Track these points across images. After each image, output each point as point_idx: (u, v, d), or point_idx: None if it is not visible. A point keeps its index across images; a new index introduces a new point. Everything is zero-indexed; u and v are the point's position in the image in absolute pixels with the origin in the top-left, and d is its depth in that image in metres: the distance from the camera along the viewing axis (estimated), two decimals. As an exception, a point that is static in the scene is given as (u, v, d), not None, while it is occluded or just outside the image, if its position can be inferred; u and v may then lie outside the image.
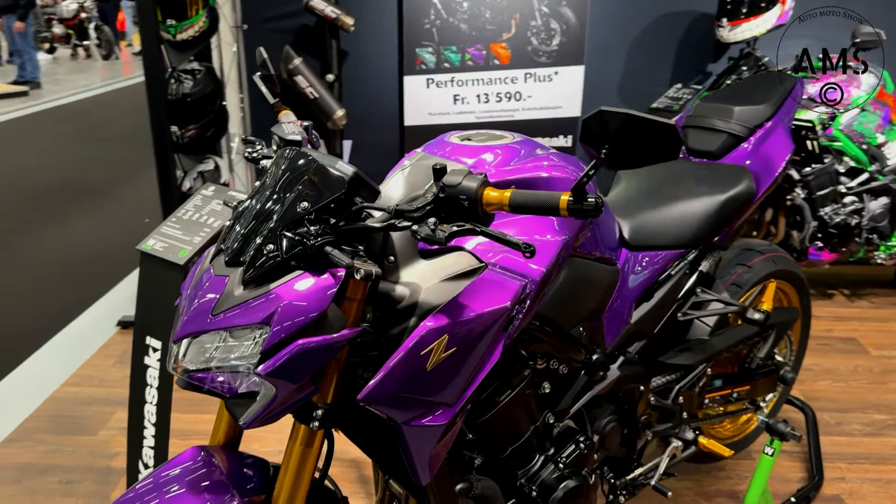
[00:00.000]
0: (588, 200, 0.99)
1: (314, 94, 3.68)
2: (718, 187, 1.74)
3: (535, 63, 3.67)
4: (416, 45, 3.67)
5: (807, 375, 2.83)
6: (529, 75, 3.69)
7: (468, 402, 1.17)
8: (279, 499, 1.16)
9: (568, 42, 3.62)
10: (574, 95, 3.70)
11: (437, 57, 3.69)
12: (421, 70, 3.71)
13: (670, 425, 1.74)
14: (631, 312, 1.60)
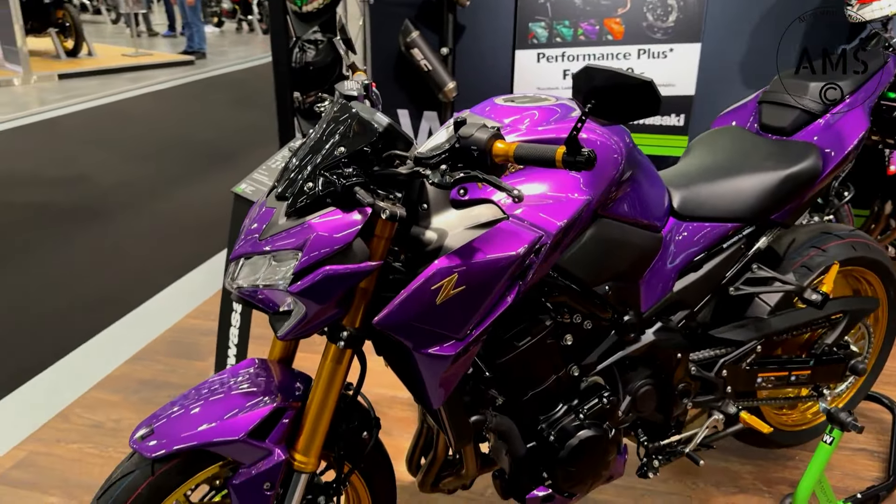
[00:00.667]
0: (581, 154, 1.07)
1: (428, 67, 3.84)
2: (781, 163, 1.72)
3: (649, 39, 3.62)
4: (529, 20, 3.73)
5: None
6: (643, 52, 3.64)
7: (478, 339, 1.28)
8: (311, 406, 1.34)
9: (685, 18, 3.54)
10: (688, 74, 3.62)
11: (549, 31, 3.73)
12: (533, 44, 3.77)
13: (712, 397, 1.75)
14: (674, 281, 1.63)
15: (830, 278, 1.78)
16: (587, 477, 1.54)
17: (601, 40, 3.67)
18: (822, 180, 1.73)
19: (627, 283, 1.53)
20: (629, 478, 2.20)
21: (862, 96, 1.78)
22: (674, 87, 3.64)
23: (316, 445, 1.35)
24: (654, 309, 1.62)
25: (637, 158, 1.50)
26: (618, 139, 1.41)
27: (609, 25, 3.63)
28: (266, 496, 1.34)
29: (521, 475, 1.53)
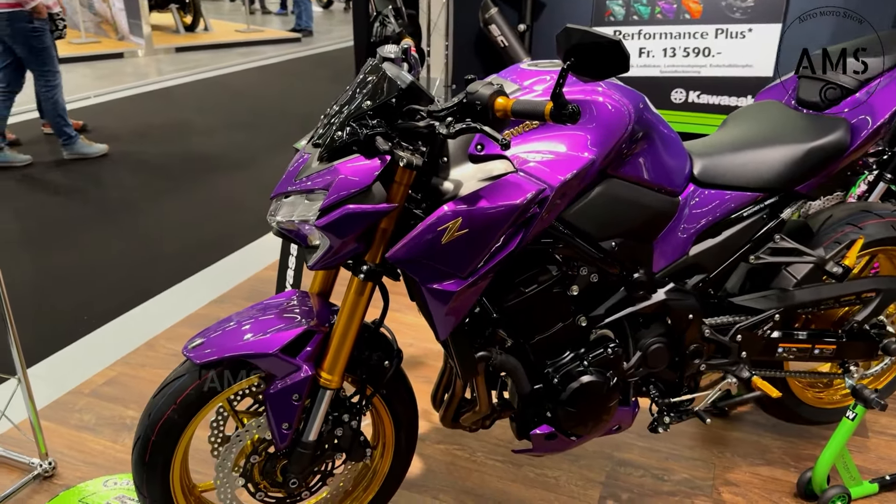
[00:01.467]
0: (566, 109, 1.18)
1: (504, 43, 3.95)
2: (807, 136, 1.74)
3: (728, 19, 3.58)
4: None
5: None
6: (721, 31, 3.61)
7: (480, 279, 1.42)
8: (336, 331, 1.52)
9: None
10: (768, 55, 3.56)
11: (626, 9, 3.75)
12: (609, 22, 3.80)
13: (726, 361, 1.81)
14: (690, 245, 1.70)
15: (853, 252, 1.79)
16: (587, 420, 1.65)
17: (678, 19, 3.66)
18: (849, 154, 1.74)
19: (638, 242, 1.62)
20: (654, 440, 2.28)
21: None
22: (751, 69, 3.60)
23: (339, 366, 1.53)
24: (667, 270, 1.70)
25: (653, 124, 1.58)
26: (628, 102, 1.49)
27: (687, 4, 3.62)
28: (294, 406, 1.53)
29: (527, 413, 1.67)
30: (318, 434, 1.58)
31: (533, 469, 2.16)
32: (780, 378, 2.05)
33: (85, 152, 5.36)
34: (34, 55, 4.88)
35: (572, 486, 2.10)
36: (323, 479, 1.71)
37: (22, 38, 4.77)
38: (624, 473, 2.15)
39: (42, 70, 4.97)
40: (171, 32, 11.27)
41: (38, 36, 4.81)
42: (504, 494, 2.06)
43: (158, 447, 1.54)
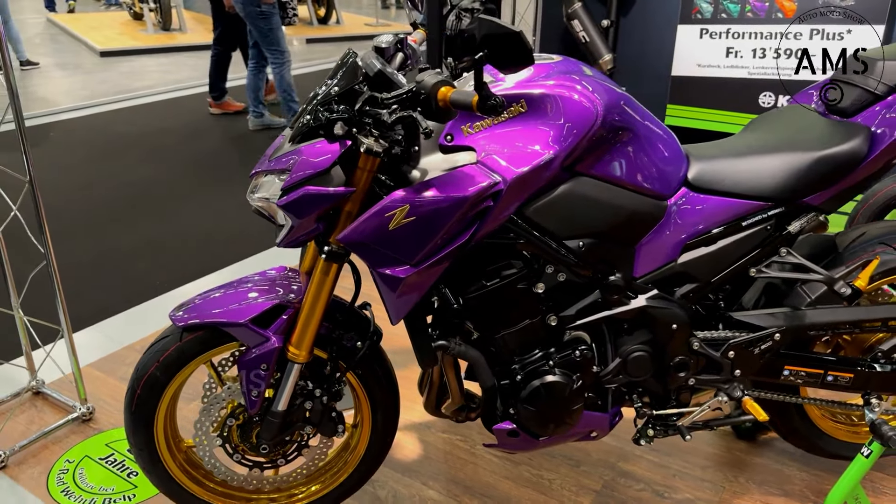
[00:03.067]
0: (489, 101, 1.18)
1: (585, 39, 3.87)
2: (819, 143, 1.60)
3: (825, 19, 3.31)
4: (695, -6, 3.59)
5: None
6: (816, 32, 3.35)
7: (431, 267, 1.43)
8: (303, 308, 1.59)
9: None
10: (868, 58, 3.26)
11: (714, 6, 3.56)
12: (696, 19, 3.63)
13: (717, 377, 1.71)
14: (677, 252, 1.62)
15: (867, 273, 1.63)
16: (547, 420, 1.62)
17: (770, 18, 3.43)
18: (866, 165, 1.58)
19: (615, 244, 1.57)
20: (666, 455, 2.19)
21: None
22: (849, 73, 3.31)
23: (306, 341, 1.60)
24: (651, 276, 1.63)
25: (637, 124, 1.52)
26: (598, 100, 1.45)
27: (781, 2, 3.39)
28: (262, 375, 1.62)
29: (490, 406, 1.66)
30: (287, 405, 1.65)
31: (530, 469, 2.14)
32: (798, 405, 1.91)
33: (268, 123, 6.16)
34: (262, 36, 5.58)
35: (565, 490, 2.06)
36: (298, 450, 1.79)
37: (251, 19, 5.49)
38: (623, 485, 2.08)
39: (269, 49, 5.65)
40: (306, 24, 11.85)
41: (265, 19, 5.47)
42: (492, 490, 2.06)
43: (142, 400, 1.67)
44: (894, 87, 1.60)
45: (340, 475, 1.88)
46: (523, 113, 1.44)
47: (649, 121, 1.57)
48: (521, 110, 1.44)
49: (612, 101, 1.47)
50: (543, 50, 4.37)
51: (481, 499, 2.03)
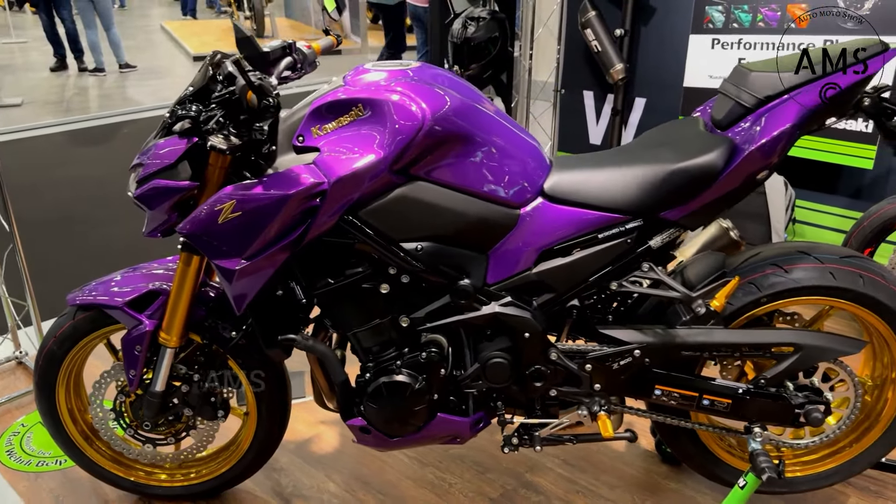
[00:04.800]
0: (263, 101, 1.25)
1: (598, 48, 3.82)
2: (678, 156, 1.54)
3: (839, 29, 3.12)
4: (706, 3, 3.47)
5: None
6: (830, 43, 3.15)
7: (263, 262, 1.51)
8: (171, 293, 1.69)
9: (885, 5, 2.97)
10: (885, 71, 3.04)
11: (726, 16, 3.43)
12: (708, 29, 3.50)
13: (577, 390, 1.68)
14: (531, 261, 1.61)
15: (724, 293, 1.54)
16: (390, 419, 1.64)
17: (783, 27, 3.27)
18: (723, 180, 1.50)
19: (460, 249, 1.57)
20: (578, 471, 2.15)
21: (811, 89, 1.48)
22: (864, 86, 3.10)
23: (175, 327, 1.71)
24: (504, 283, 1.62)
25: (482, 132, 1.53)
26: (426, 107, 1.46)
27: (793, 11, 3.22)
28: (136, 356, 1.74)
29: (343, 401, 1.70)
30: (164, 386, 1.77)
31: (436, 472, 2.16)
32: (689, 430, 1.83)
33: None
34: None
35: (461, 495, 2.07)
36: (186, 430, 1.90)
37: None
38: (521, 495, 2.07)
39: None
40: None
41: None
42: (391, 488, 2.09)
43: (42, 371, 1.84)
44: (763, 100, 1.52)
45: (231, 460, 1.98)
46: (362, 117, 1.49)
47: (501, 130, 1.57)
48: (360, 114, 1.49)
49: (445, 109, 1.48)
50: (568, 59, 4.33)
51: (377, 496, 2.07)
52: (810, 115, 1.48)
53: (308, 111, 1.52)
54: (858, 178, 3.37)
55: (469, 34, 3.67)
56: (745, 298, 1.66)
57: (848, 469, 1.86)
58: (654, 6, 3.80)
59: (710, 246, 1.83)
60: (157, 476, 2.00)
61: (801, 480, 1.89)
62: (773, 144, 1.48)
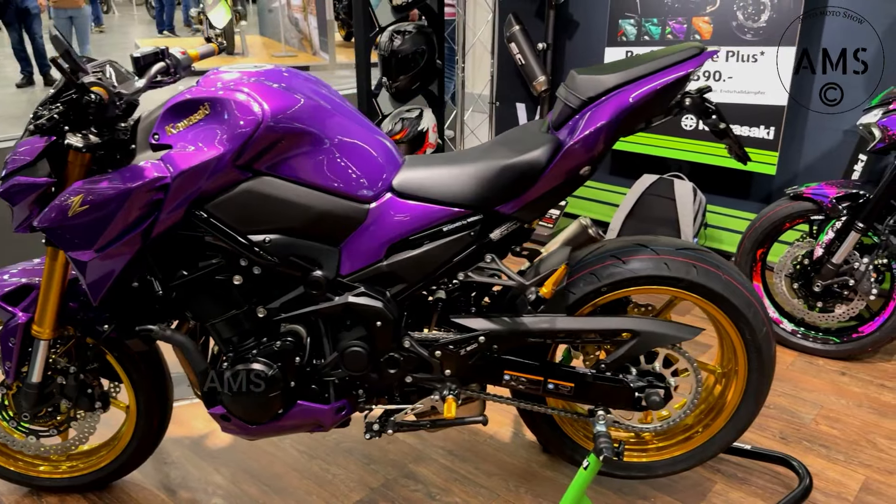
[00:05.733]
0: (84, 98, 1.35)
1: (522, 61, 3.94)
2: (509, 153, 1.64)
3: (738, 41, 3.26)
4: (619, 16, 3.61)
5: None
6: (732, 54, 3.30)
7: (113, 253, 1.58)
8: (42, 286, 1.77)
9: (778, 18, 3.12)
10: (781, 81, 3.18)
11: (637, 29, 3.56)
12: (622, 42, 3.63)
13: (429, 377, 1.76)
14: (382, 253, 1.70)
15: (551, 281, 1.64)
16: (247, 406, 1.72)
17: (689, 40, 3.40)
18: (546, 176, 1.60)
19: (310, 242, 1.66)
20: (460, 461, 2.22)
21: (634, 89, 1.58)
22: (763, 96, 3.25)
23: (47, 320, 1.78)
24: (357, 274, 1.71)
25: (322, 130, 1.62)
26: (266, 104, 1.54)
27: (697, 24, 3.36)
28: (10, 347, 1.81)
29: (205, 390, 1.78)
30: (40, 378, 1.84)
31: (322, 463, 2.23)
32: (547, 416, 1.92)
33: None
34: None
35: (342, 485, 2.14)
36: (67, 422, 1.96)
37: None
38: (401, 484, 2.14)
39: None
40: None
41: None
42: (276, 480, 2.16)
43: (-74, 361, 1.90)
44: (586, 101, 1.62)
45: (114, 452, 2.04)
46: (208, 115, 1.58)
47: (350, 130, 1.66)
48: (207, 112, 1.58)
49: (286, 108, 1.57)
50: (501, 72, 4.46)
51: (261, 487, 2.13)
52: (627, 114, 1.59)
53: (163, 110, 1.61)
54: (764, 184, 3.50)
55: (395, 47, 3.77)
56: (586, 288, 1.76)
57: (700, 454, 1.95)
58: (574, 20, 3.94)
59: (570, 242, 1.92)
60: (42, 468, 2.06)
61: (658, 465, 1.98)
62: (588, 141, 1.59)
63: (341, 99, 1.76)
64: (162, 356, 1.98)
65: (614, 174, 4.07)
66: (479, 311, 1.80)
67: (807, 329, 2.88)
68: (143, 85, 1.75)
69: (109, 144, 1.66)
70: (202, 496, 2.10)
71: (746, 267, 2.91)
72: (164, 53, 1.87)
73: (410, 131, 3.91)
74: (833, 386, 2.66)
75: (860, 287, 2.64)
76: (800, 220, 2.76)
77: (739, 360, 1.84)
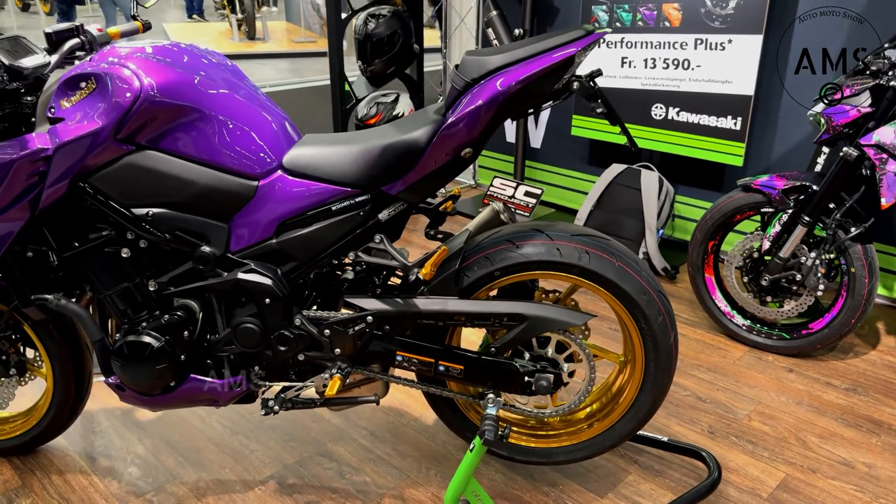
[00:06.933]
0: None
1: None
2: (393, 134, 1.64)
3: (707, 28, 3.19)
4: (592, 3, 3.56)
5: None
6: (700, 41, 3.23)
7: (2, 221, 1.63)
8: None
9: (745, 5, 3.04)
10: (748, 69, 3.11)
11: (609, 15, 3.51)
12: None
13: (320, 354, 1.78)
14: (271, 230, 1.71)
15: (431, 262, 1.63)
16: (137, 377, 1.75)
17: (658, 27, 3.35)
18: (427, 156, 1.59)
19: (196, 217, 1.68)
20: (376, 441, 2.24)
21: (504, 76, 1.56)
22: (731, 85, 3.18)
23: (-45, 285, 1.84)
24: (247, 251, 1.72)
25: (209, 104, 1.63)
26: (143, 78, 1.56)
27: (667, 11, 3.30)
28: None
29: (101, 360, 1.82)
30: (-47, 343, 1.90)
31: (242, 439, 2.27)
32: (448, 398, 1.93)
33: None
34: None
35: (257, 461, 2.17)
36: (-13, 387, 2.03)
37: None
38: (315, 462, 2.16)
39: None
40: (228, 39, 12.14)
41: None
42: (194, 453, 2.20)
43: None
44: (469, 83, 1.61)
45: (34, 419, 2.10)
46: (95, 89, 1.61)
47: (239, 106, 1.68)
48: (93, 86, 1.61)
49: (167, 82, 1.59)
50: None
51: (178, 458, 2.18)
52: (506, 96, 1.57)
53: (58, 84, 1.64)
54: (731, 175, 3.43)
55: (370, 30, 3.78)
56: (480, 271, 1.75)
57: (600, 443, 1.93)
58: (551, 6, 3.90)
59: (483, 227, 1.92)
60: (-32, 432, 2.14)
61: (558, 451, 1.97)
62: (466, 122, 1.57)
63: (239, 77, 1.78)
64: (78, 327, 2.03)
65: (588, 163, 4.03)
66: (378, 293, 1.80)
67: (758, 324, 2.82)
68: (54, 61, 1.78)
69: (13, 118, 1.70)
70: (120, 465, 2.15)
71: (698, 259, 2.86)
72: (78, 30, 1.90)
73: (385, 115, 3.92)
74: (776, 383, 2.61)
75: (807, 282, 2.57)
76: (751, 213, 2.70)
77: (636, 349, 1.82)
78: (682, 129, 3.39)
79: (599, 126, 3.73)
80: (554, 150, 4.19)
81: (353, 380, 1.86)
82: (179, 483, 2.08)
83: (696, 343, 2.88)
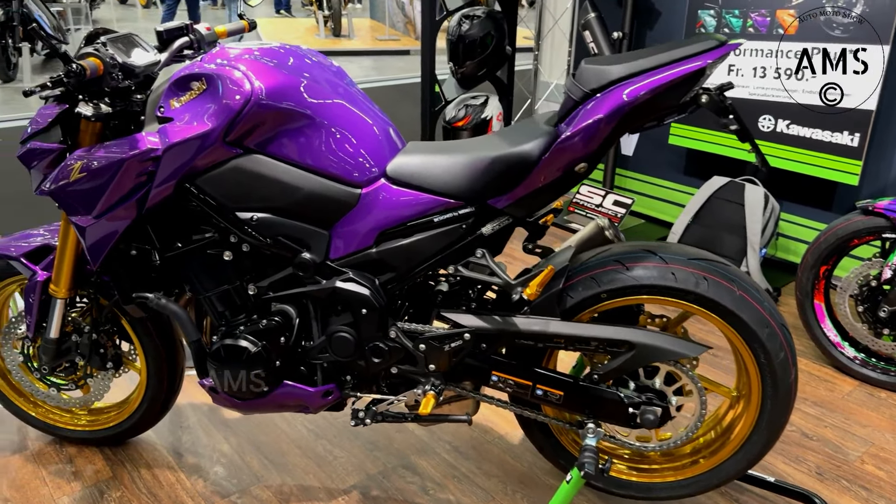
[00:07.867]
0: (67, 68, 1.38)
1: (594, 50, 3.79)
2: (503, 145, 1.56)
3: (826, 37, 2.98)
4: (699, 7, 3.39)
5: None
6: (817, 51, 3.02)
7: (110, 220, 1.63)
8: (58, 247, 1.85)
9: (872, 13, 2.82)
10: (869, 81, 2.89)
11: (717, 20, 3.34)
12: (700, 33, 3.41)
13: (413, 369, 1.72)
14: (371, 240, 1.66)
15: (537, 282, 1.54)
16: (234, 380, 1.73)
17: (771, 34, 3.16)
18: (538, 170, 1.50)
19: (298, 223, 1.65)
20: (463, 458, 2.18)
21: (627, 87, 1.45)
22: (850, 98, 2.96)
23: (63, 280, 1.86)
24: (346, 259, 1.68)
25: (317, 111, 1.59)
26: (257, 82, 1.53)
27: (781, 17, 3.11)
28: (31, 304, 1.91)
29: (196, 361, 1.81)
30: (57, 333, 1.94)
31: (326, 444, 2.24)
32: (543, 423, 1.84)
33: None
34: None
35: (340, 468, 2.14)
36: (84, 378, 2.06)
37: None
38: (398, 475, 2.12)
39: None
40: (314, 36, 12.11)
41: None
42: (279, 455, 2.19)
43: (-37, 310, 2.05)
44: (588, 93, 1.51)
45: (127, 411, 2.13)
46: (205, 90, 1.59)
47: (345, 113, 1.63)
48: (203, 87, 1.59)
49: (277, 87, 1.56)
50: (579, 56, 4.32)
51: (262, 460, 2.17)
52: (628, 109, 1.47)
53: (168, 84, 1.64)
54: (846, 194, 3.20)
55: (463, 31, 3.72)
56: (585, 293, 1.65)
57: (705, 481, 1.80)
58: (653, 9, 3.74)
59: (586, 244, 1.82)
60: (63, 418, 2.18)
61: (659, 487, 1.85)
62: (583, 136, 1.48)
63: (345, 81, 1.73)
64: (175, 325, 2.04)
65: (685, 173, 3.85)
66: (473, 307, 1.73)
67: (872, 357, 2.62)
68: (164, 59, 1.79)
69: (123, 115, 1.71)
70: (206, 463, 2.16)
71: (808, 284, 2.67)
72: (188, 28, 1.90)
73: (473, 118, 3.85)
74: (891, 422, 2.41)
75: (933, 316, 2.36)
76: (870, 238, 2.50)
77: (753, 385, 1.68)
78: (792, 143, 3.19)
79: (700, 136, 3.55)
80: (648, 158, 4.03)
81: (444, 396, 1.80)
82: (264, 486, 2.06)
83: (801, 374, 2.69)
